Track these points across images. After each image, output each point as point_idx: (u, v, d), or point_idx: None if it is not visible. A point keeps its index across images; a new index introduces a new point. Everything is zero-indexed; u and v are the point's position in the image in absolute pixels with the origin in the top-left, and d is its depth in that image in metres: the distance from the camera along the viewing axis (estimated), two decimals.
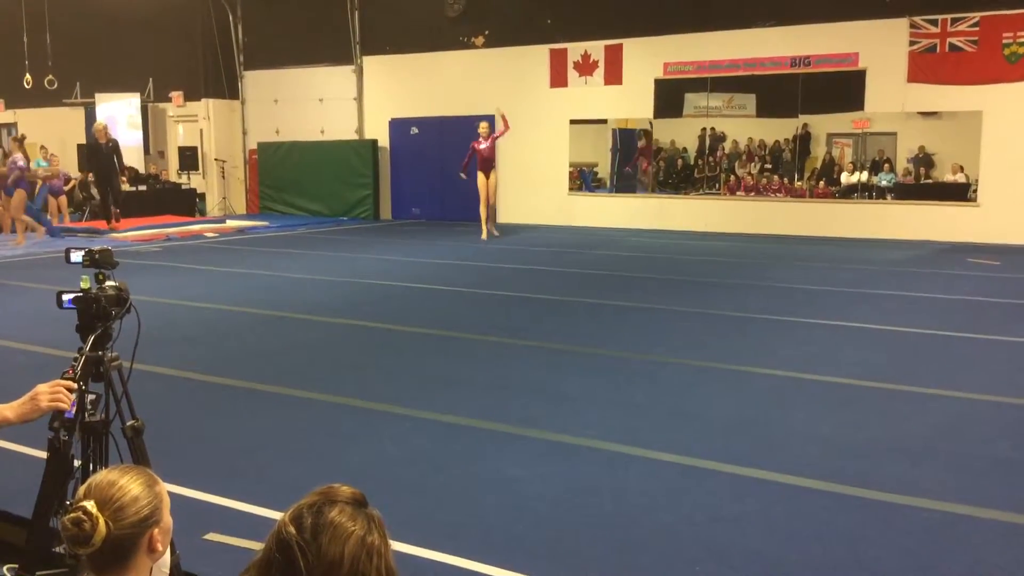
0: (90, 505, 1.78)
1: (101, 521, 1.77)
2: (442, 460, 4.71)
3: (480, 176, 15.49)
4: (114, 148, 16.38)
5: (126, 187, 17.78)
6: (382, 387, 6.12)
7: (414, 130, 19.29)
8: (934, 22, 14.68)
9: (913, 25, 14.81)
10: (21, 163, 14.92)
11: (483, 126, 15.62)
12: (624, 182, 17.80)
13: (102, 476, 1.88)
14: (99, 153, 16.31)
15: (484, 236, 15.38)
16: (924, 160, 15.18)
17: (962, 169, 14.86)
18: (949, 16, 14.56)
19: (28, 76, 19.89)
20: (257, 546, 1.56)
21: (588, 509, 4.05)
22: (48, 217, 16.69)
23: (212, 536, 3.70)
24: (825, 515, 3.98)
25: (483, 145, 15.40)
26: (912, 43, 14.84)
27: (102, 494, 1.81)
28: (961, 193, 14.88)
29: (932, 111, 15.04)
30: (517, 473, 4.50)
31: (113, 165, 16.34)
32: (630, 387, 6.15)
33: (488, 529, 3.85)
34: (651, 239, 15.44)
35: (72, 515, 1.77)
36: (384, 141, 19.89)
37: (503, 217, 18.52)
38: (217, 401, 5.91)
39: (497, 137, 15.70)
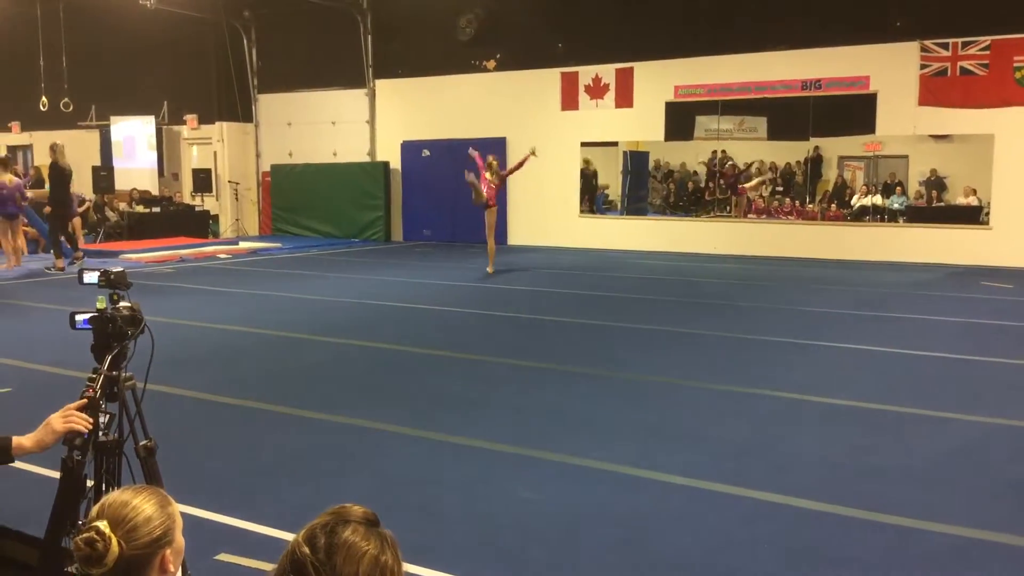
0: (103, 525, 1.78)
1: (114, 541, 1.77)
2: (455, 482, 4.70)
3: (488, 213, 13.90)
4: (56, 174, 14.34)
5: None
6: (394, 408, 6.12)
7: (426, 152, 19.39)
8: (945, 46, 14.70)
9: (924, 49, 14.83)
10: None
11: (494, 160, 13.89)
12: (635, 204, 17.84)
13: (115, 496, 1.88)
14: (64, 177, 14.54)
15: (489, 269, 13.86)
16: (936, 183, 15.16)
17: (975, 192, 14.83)
18: (960, 40, 14.58)
19: (44, 99, 20.10)
20: (268, 567, 1.56)
21: (601, 532, 4.04)
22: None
23: (223, 557, 3.69)
24: (838, 539, 3.95)
25: (489, 180, 13.63)
26: (923, 66, 14.86)
27: (115, 514, 1.81)
28: (973, 216, 14.84)
29: (943, 134, 15.04)
30: (530, 495, 4.48)
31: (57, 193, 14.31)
32: (642, 409, 6.13)
33: (501, 552, 3.84)
34: (662, 261, 15.44)
35: (85, 535, 1.77)
36: (396, 163, 19.99)
37: (514, 239, 18.56)
38: (229, 422, 5.92)
39: (505, 175, 14.08)
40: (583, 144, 17.84)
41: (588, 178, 18.04)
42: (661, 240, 17.15)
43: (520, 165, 13.97)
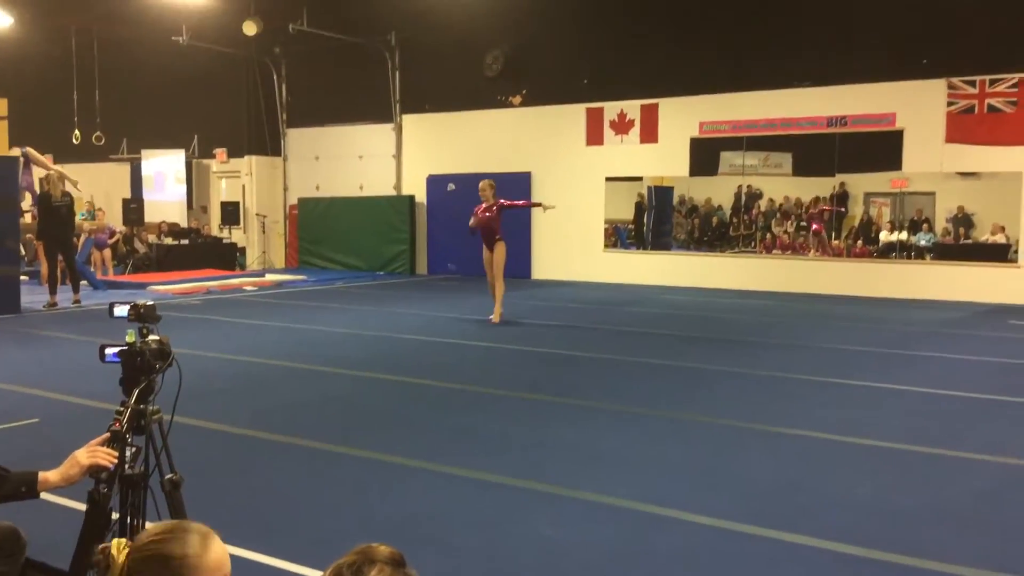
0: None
1: None
2: (475, 519, 4.68)
3: (485, 250, 12.37)
4: (71, 205, 13.87)
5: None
6: (416, 443, 6.11)
7: (451, 186, 19.50)
8: (972, 83, 14.66)
9: (951, 86, 14.79)
10: None
11: (485, 185, 12.44)
12: (659, 239, 17.82)
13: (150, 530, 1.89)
14: (53, 209, 13.42)
15: (494, 318, 12.15)
16: (963, 220, 15.05)
17: (1003, 229, 14.71)
18: (988, 77, 14.53)
19: (77, 132, 20.47)
20: None
21: (624, 573, 4.00)
22: (92, 270, 17.00)
23: None
24: None
25: (484, 212, 12.22)
26: (950, 103, 14.82)
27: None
28: (1002, 254, 14.71)
29: (971, 171, 14.95)
30: (551, 534, 4.45)
31: (71, 226, 14.01)
32: (665, 447, 6.09)
33: None
34: (686, 297, 15.39)
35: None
36: (421, 197, 20.13)
37: (537, 273, 18.58)
38: (253, 455, 5.93)
39: (506, 206, 12.38)
40: (608, 179, 17.90)
41: (641, 212, 17.98)
42: (686, 275, 17.10)
43: (527, 205, 14.43)
